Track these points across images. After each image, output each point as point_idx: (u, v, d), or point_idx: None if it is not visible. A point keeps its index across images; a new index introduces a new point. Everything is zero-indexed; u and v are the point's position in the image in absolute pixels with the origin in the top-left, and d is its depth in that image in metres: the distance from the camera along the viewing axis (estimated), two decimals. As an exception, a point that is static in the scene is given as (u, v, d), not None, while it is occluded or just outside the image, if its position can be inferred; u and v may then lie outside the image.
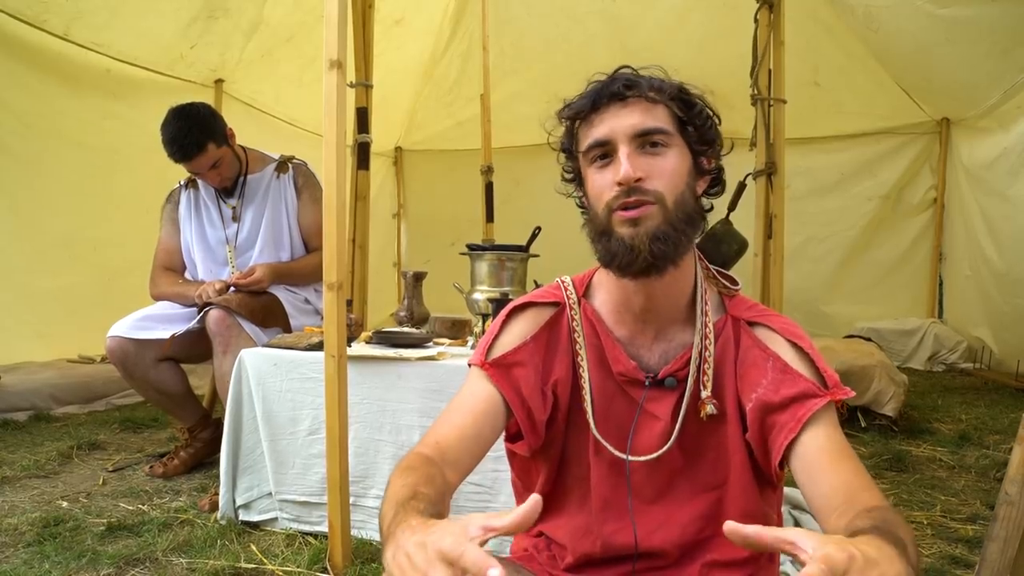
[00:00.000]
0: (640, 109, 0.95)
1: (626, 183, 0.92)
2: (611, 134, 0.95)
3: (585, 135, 0.99)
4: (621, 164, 0.93)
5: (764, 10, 2.69)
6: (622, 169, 0.92)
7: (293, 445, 2.11)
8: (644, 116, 0.95)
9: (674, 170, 0.95)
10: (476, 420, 0.98)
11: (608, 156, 0.96)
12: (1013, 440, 1.30)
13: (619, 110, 0.96)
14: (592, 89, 0.99)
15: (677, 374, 1.01)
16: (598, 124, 0.97)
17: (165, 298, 2.67)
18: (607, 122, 0.96)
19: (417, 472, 0.85)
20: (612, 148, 0.95)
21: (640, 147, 0.95)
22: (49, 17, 3.46)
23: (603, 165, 0.97)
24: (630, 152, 0.94)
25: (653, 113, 0.96)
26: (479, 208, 4.16)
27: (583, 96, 1.00)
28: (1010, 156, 4.52)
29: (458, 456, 0.94)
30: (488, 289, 2.41)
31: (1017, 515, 1.24)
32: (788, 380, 0.94)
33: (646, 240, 0.92)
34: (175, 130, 2.48)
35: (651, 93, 0.96)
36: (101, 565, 1.86)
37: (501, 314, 1.08)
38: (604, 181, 0.96)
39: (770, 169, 2.72)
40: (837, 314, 5.72)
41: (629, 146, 0.94)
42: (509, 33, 5.15)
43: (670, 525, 1.00)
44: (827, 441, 0.89)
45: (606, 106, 0.96)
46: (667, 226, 0.93)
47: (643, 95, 0.96)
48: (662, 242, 0.93)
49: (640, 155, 0.94)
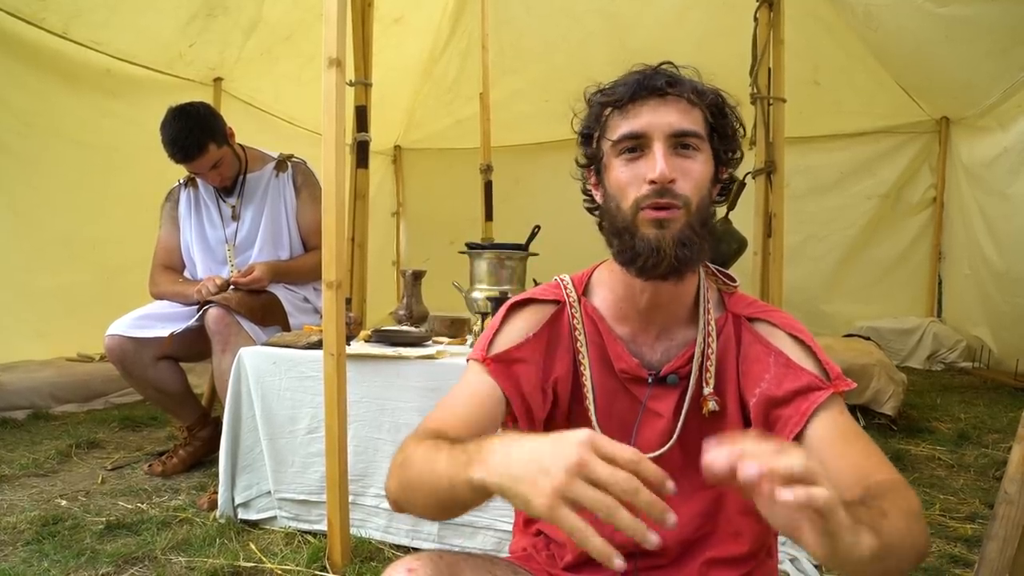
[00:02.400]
0: (679, 109, 0.94)
1: (661, 182, 0.91)
2: (648, 129, 0.93)
3: (616, 124, 0.97)
4: (657, 162, 0.92)
5: (764, 8, 2.69)
6: (658, 167, 0.91)
7: (292, 444, 2.10)
8: (682, 117, 0.94)
9: (702, 175, 0.95)
10: (476, 413, 0.97)
11: (638, 150, 0.95)
12: (1012, 439, 1.30)
13: (658, 106, 0.94)
14: (633, 79, 0.96)
15: (679, 371, 1.01)
16: (634, 116, 0.95)
17: (165, 297, 2.67)
18: (644, 116, 0.94)
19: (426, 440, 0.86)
20: (646, 143, 0.94)
21: (674, 147, 0.94)
22: (48, 15, 3.45)
23: (632, 158, 0.95)
24: (665, 151, 0.93)
25: (691, 115, 0.95)
26: (478, 207, 4.16)
27: (622, 84, 0.97)
28: (1010, 155, 4.51)
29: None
30: (487, 288, 2.41)
31: (1016, 514, 1.24)
32: (791, 374, 0.94)
33: (672, 244, 0.92)
34: (175, 131, 2.47)
35: (692, 95, 0.95)
36: (100, 564, 1.86)
37: (501, 310, 1.08)
38: (632, 175, 0.95)
39: (770, 168, 2.71)
40: (836, 313, 5.72)
41: (665, 144, 0.93)
42: (508, 32, 5.14)
43: None
44: (833, 428, 0.89)
45: (645, 99, 0.95)
46: (690, 231, 0.93)
47: (684, 95, 0.94)
48: (687, 247, 0.92)
49: (673, 155, 0.93)
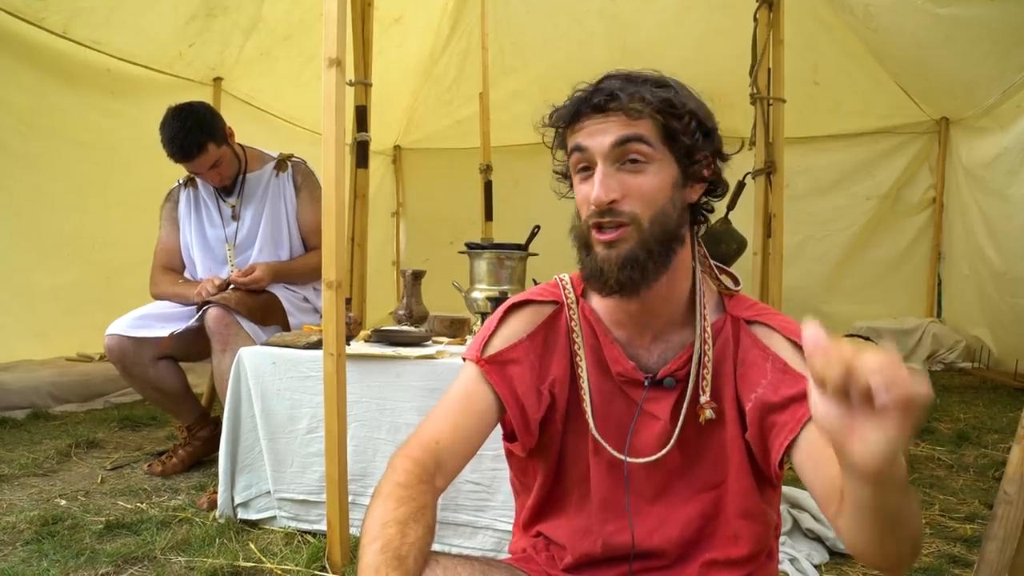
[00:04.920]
0: (619, 124, 0.92)
1: (598, 206, 0.92)
2: (590, 149, 0.94)
3: (569, 143, 0.98)
4: (595, 185, 0.92)
5: (763, 9, 2.69)
6: (594, 192, 0.92)
7: (292, 443, 2.10)
8: (623, 130, 0.92)
9: (653, 188, 0.93)
10: (468, 420, 0.98)
11: (588, 168, 0.95)
12: (1011, 439, 1.30)
13: (598, 123, 0.93)
14: (574, 98, 0.96)
15: (676, 374, 1.01)
16: (579, 135, 0.95)
17: (165, 298, 2.67)
18: (587, 135, 0.94)
19: (411, 501, 0.85)
20: (592, 162, 0.94)
21: (619, 163, 0.93)
22: (48, 15, 3.45)
23: (584, 177, 0.96)
24: (605, 171, 0.92)
25: (634, 127, 0.92)
26: (478, 207, 4.16)
27: (565, 105, 0.97)
28: (1009, 156, 4.51)
29: (454, 457, 0.95)
30: (487, 288, 2.41)
31: (1016, 514, 1.24)
32: (788, 380, 0.94)
33: (615, 267, 0.93)
34: (175, 130, 2.47)
35: (633, 106, 0.91)
36: (99, 563, 1.86)
37: (498, 310, 1.08)
38: (583, 195, 0.96)
39: (769, 168, 2.72)
40: (836, 313, 5.71)
41: (605, 163, 0.93)
42: (508, 31, 5.15)
43: (669, 524, 1.00)
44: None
45: (587, 116, 0.94)
46: (640, 249, 0.92)
47: (623, 108, 0.91)
48: (631, 269, 0.92)
49: (617, 173, 0.93)
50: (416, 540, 0.81)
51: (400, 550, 0.79)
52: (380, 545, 0.79)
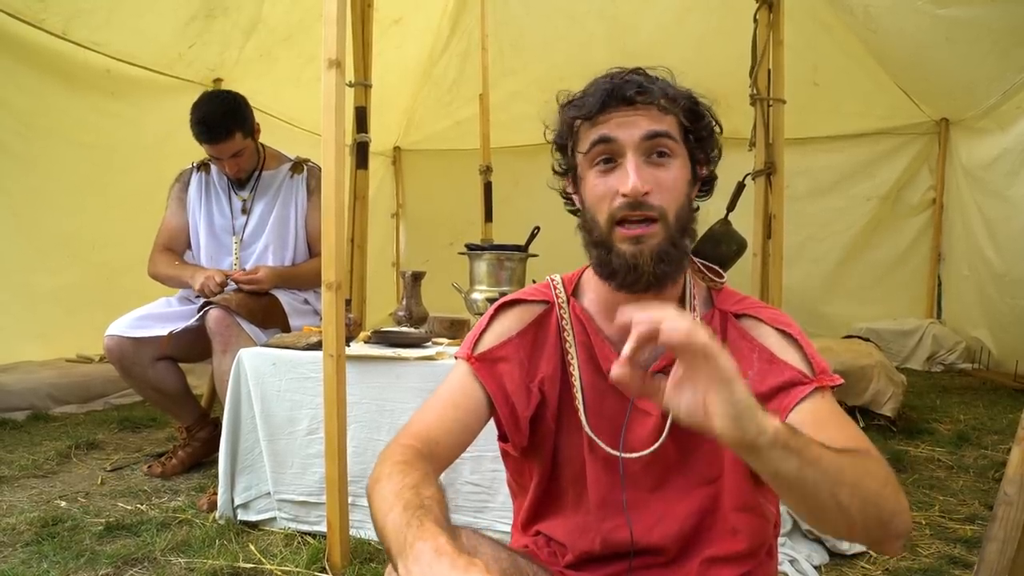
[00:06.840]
0: (650, 117, 0.92)
1: (634, 196, 0.91)
2: (619, 140, 0.92)
3: (588, 135, 0.96)
4: (629, 175, 0.91)
5: (763, 10, 2.69)
6: (630, 181, 0.90)
7: (292, 445, 2.10)
8: (654, 125, 0.92)
9: (677, 182, 0.94)
10: (460, 413, 0.98)
11: (612, 161, 0.94)
12: (1011, 440, 1.30)
13: (628, 115, 0.93)
14: (602, 88, 0.95)
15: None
16: (605, 127, 0.94)
17: (161, 277, 2.69)
18: (615, 126, 0.93)
19: (415, 470, 0.83)
20: (618, 154, 0.93)
21: (647, 156, 0.93)
22: (47, 16, 3.45)
23: (606, 170, 0.94)
24: (638, 163, 0.92)
25: (663, 122, 0.93)
26: (478, 208, 4.16)
27: (590, 94, 0.96)
28: (1009, 157, 4.52)
29: (445, 449, 0.94)
30: (487, 289, 2.41)
31: (1016, 515, 1.24)
32: (774, 370, 0.94)
33: (650, 260, 0.92)
34: (206, 112, 2.51)
35: (663, 101, 0.93)
36: (99, 565, 1.86)
37: (490, 310, 1.09)
38: (606, 187, 0.94)
39: (769, 169, 2.71)
40: (836, 314, 5.72)
41: (637, 155, 0.92)
42: (508, 33, 5.15)
43: (668, 520, 1.00)
44: (811, 415, 0.88)
45: (615, 108, 0.93)
46: (669, 244, 0.93)
47: (655, 103, 0.92)
48: (665, 263, 0.92)
49: (646, 165, 0.92)
50: (434, 494, 0.78)
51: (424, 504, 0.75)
52: (401, 506, 0.75)
